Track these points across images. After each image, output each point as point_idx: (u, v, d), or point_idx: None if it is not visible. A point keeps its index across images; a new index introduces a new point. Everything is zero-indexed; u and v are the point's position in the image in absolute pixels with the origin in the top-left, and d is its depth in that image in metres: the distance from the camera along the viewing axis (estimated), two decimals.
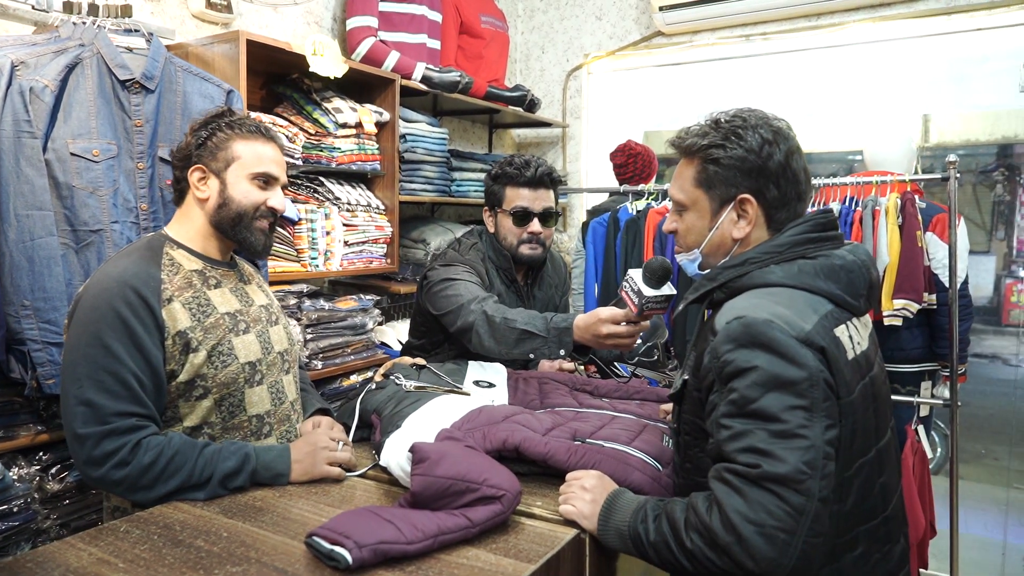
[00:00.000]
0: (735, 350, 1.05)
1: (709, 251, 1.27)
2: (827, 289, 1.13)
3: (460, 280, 1.89)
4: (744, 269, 1.17)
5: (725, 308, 1.13)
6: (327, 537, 1.04)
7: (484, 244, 2.09)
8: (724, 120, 1.21)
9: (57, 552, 1.10)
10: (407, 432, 1.41)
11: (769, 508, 0.96)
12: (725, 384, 1.06)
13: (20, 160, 1.53)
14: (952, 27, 3.04)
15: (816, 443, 0.99)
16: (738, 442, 1.01)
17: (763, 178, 1.18)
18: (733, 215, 1.22)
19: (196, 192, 1.43)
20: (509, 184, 2.02)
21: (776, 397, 1.01)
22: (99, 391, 1.26)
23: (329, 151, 2.40)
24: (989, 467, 3.75)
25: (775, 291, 1.12)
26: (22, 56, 1.57)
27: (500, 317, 1.72)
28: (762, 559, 0.96)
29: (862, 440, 1.11)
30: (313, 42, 2.23)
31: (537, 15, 3.94)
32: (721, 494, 1.00)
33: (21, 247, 1.54)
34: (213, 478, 1.31)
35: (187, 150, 1.43)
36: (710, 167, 1.21)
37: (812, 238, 1.18)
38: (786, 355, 1.02)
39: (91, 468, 1.26)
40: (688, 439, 1.22)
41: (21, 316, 1.54)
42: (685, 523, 1.05)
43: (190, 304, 1.38)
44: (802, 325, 1.05)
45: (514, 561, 1.06)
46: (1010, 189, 3.96)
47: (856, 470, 1.10)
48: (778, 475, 0.97)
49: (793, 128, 1.22)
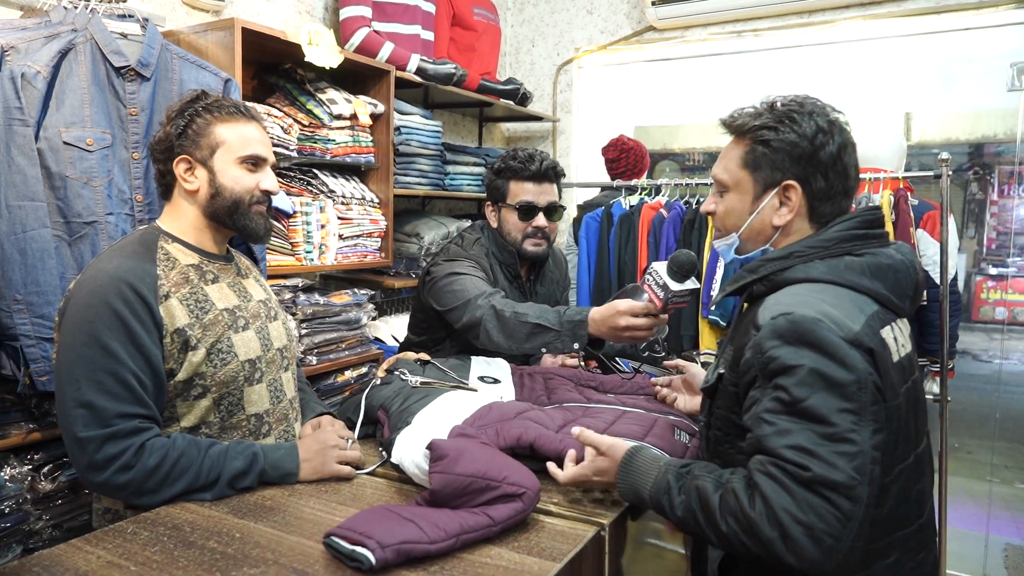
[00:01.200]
0: (781, 346, 1.03)
1: (748, 236, 1.24)
2: (874, 288, 1.11)
3: (466, 275, 1.86)
4: (788, 263, 1.15)
5: (768, 302, 1.10)
6: (347, 537, 1.02)
7: (487, 239, 2.06)
8: (780, 104, 1.19)
9: (64, 555, 1.06)
10: (418, 428, 1.38)
11: (819, 512, 0.94)
12: (769, 380, 1.04)
13: (11, 149, 1.47)
14: (941, 26, 3.08)
15: (864, 448, 0.97)
16: (784, 439, 0.99)
17: (812, 167, 1.16)
18: (776, 201, 1.19)
19: (184, 184, 1.37)
20: (513, 178, 1.99)
21: (824, 398, 0.98)
22: (99, 392, 1.21)
23: (323, 143, 2.35)
24: (963, 460, 3.82)
25: (820, 287, 1.09)
26: (12, 41, 1.51)
27: (510, 311, 1.69)
28: (806, 559, 0.94)
29: (903, 445, 1.10)
30: (308, 31, 2.18)
31: (528, 8, 3.91)
32: (768, 489, 0.98)
33: (13, 239, 1.48)
34: (221, 479, 1.27)
35: (167, 140, 1.35)
36: (759, 148, 1.18)
37: (859, 235, 1.15)
38: (835, 356, 1.00)
39: (93, 473, 1.21)
40: (719, 434, 1.20)
41: (13, 311, 1.48)
42: (721, 505, 1.03)
43: (187, 300, 1.33)
44: (851, 326, 1.03)
45: (539, 560, 1.04)
46: (982, 187, 4.04)
47: (896, 475, 1.08)
48: (832, 480, 0.95)
49: (848, 123, 1.19)
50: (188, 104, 1.38)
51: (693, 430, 1.54)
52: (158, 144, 1.37)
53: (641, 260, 2.95)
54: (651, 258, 2.93)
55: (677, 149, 4.38)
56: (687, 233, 2.85)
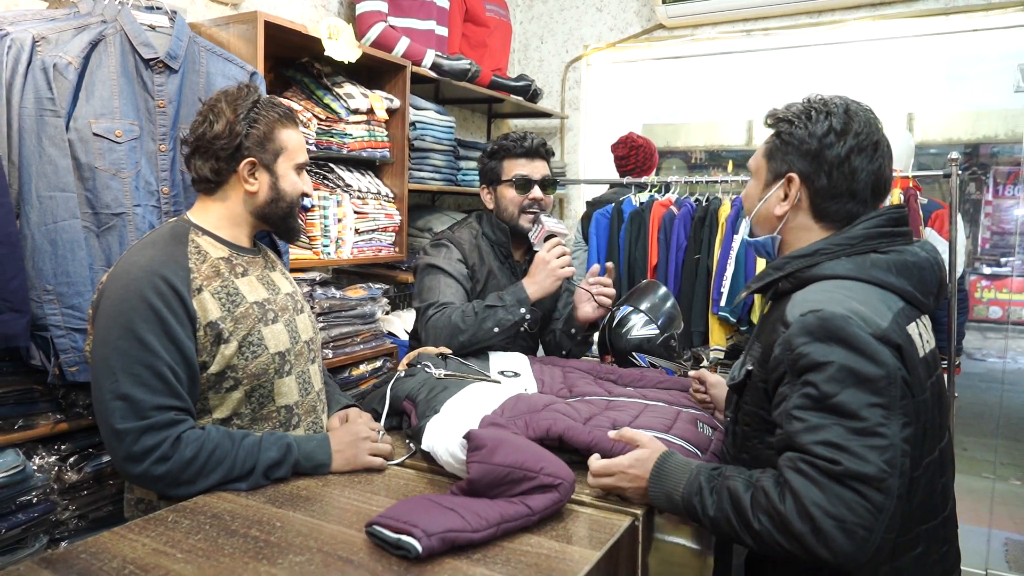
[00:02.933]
0: (811, 343, 1.05)
1: (757, 221, 1.30)
2: (899, 285, 1.13)
3: (441, 273, 1.98)
4: (814, 260, 1.17)
5: (796, 299, 1.12)
6: (390, 526, 1.03)
7: (479, 222, 2.13)
8: (813, 101, 1.22)
9: (109, 543, 1.07)
10: (447, 417, 1.40)
11: (851, 505, 0.96)
12: (798, 376, 1.06)
13: (43, 139, 1.48)
14: (949, 27, 3.10)
15: (894, 441, 0.99)
16: (814, 435, 1.01)
17: (816, 164, 1.18)
18: (780, 192, 1.23)
19: (246, 185, 1.38)
20: (507, 156, 2.08)
21: (854, 394, 1.00)
22: (136, 385, 1.22)
23: (340, 137, 2.36)
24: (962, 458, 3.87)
25: (846, 284, 1.11)
26: (43, 31, 1.51)
27: (458, 312, 1.87)
28: (840, 552, 0.96)
29: (930, 440, 1.12)
30: (328, 26, 2.19)
31: (537, 5, 3.92)
32: (798, 484, 1.00)
33: (43, 230, 1.49)
34: (256, 469, 1.28)
35: (235, 140, 1.35)
36: (776, 140, 1.23)
37: (885, 232, 1.17)
38: (865, 352, 1.02)
39: (131, 465, 1.22)
40: (747, 430, 1.22)
41: (44, 301, 1.49)
42: (753, 503, 1.05)
43: (219, 294, 1.34)
44: (879, 322, 1.05)
45: (579, 548, 1.06)
46: (978, 188, 4.07)
47: (923, 469, 1.11)
48: (862, 474, 0.97)
49: (879, 130, 1.19)
50: (251, 104, 1.38)
51: (715, 424, 1.56)
52: (218, 140, 1.35)
53: (652, 257, 2.96)
54: (661, 255, 2.95)
55: (681, 147, 4.41)
56: (697, 230, 2.87)
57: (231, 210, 1.41)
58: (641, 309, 2.12)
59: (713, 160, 4.42)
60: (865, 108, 1.21)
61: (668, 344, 2.09)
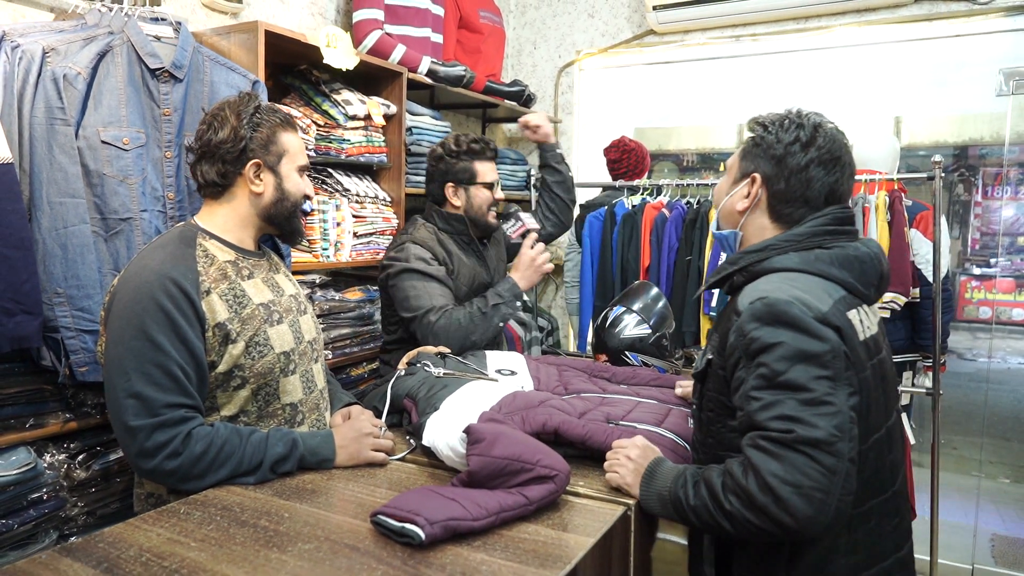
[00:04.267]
0: (760, 328, 1.14)
1: (722, 215, 1.40)
2: (841, 277, 1.23)
3: (421, 278, 2.06)
4: (764, 255, 1.27)
5: (747, 290, 1.22)
6: (394, 515, 1.08)
7: (433, 220, 2.26)
8: (789, 113, 1.33)
9: (125, 533, 1.12)
10: (447, 413, 1.45)
11: (804, 470, 1.05)
12: (752, 360, 1.15)
13: (53, 147, 1.53)
14: (933, 33, 3.17)
15: (842, 408, 1.08)
16: (770, 411, 1.10)
17: (778, 169, 1.28)
18: (745, 190, 1.33)
19: (252, 186, 1.44)
20: (477, 159, 2.24)
21: (802, 369, 1.09)
22: (147, 384, 1.27)
23: (339, 143, 2.41)
24: (950, 456, 3.93)
25: (793, 276, 1.21)
26: (52, 43, 1.56)
27: (464, 315, 2.00)
28: (801, 517, 1.04)
29: (875, 416, 1.21)
30: (327, 34, 2.24)
31: (529, 11, 3.98)
32: (757, 459, 1.08)
33: (54, 234, 1.53)
34: (263, 464, 1.33)
35: (240, 143, 1.40)
36: (750, 142, 1.34)
37: (830, 230, 1.27)
38: (808, 331, 1.11)
39: (143, 460, 1.27)
40: (711, 415, 1.30)
41: (54, 304, 1.53)
42: (723, 487, 1.13)
43: (226, 296, 1.39)
44: (820, 307, 1.14)
45: (574, 535, 1.12)
46: (967, 189, 4.15)
47: (871, 445, 1.19)
48: (813, 439, 1.05)
49: (844, 148, 1.30)
50: (255, 110, 1.44)
51: None
52: (223, 145, 1.40)
53: (644, 259, 3.03)
54: (653, 257, 3.02)
55: (672, 150, 4.47)
56: (688, 232, 2.93)
57: (237, 212, 1.46)
58: (633, 309, 2.17)
59: (704, 163, 4.49)
60: (834, 126, 1.32)
61: (660, 343, 2.15)
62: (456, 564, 1.01)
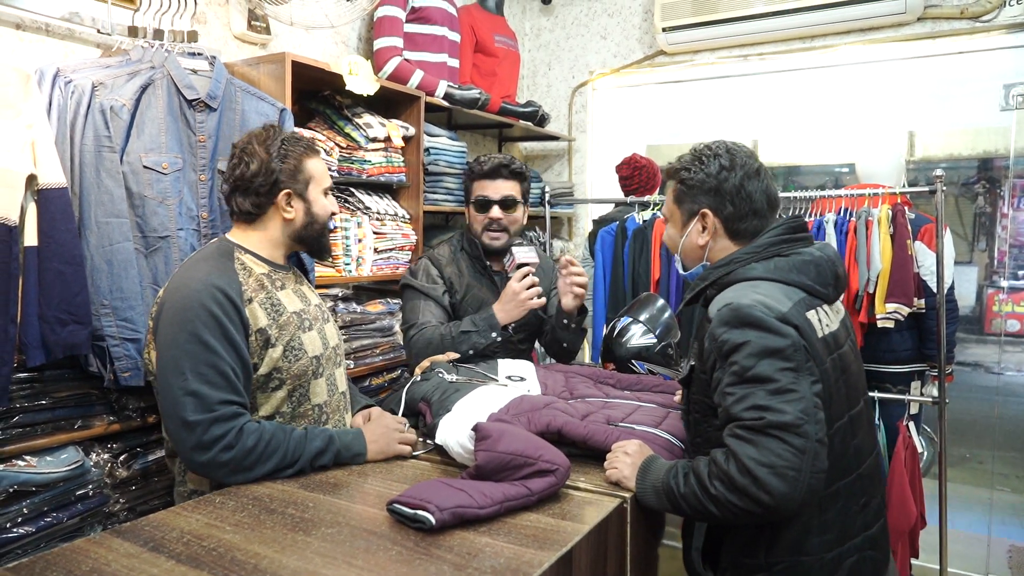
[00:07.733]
0: (729, 331, 1.27)
1: (683, 256, 1.53)
2: (799, 280, 1.36)
3: (416, 294, 2.16)
4: (730, 268, 1.40)
5: (716, 300, 1.35)
6: (408, 503, 1.19)
7: (459, 238, 2.31)
8: (699, 149, 1.47)
9: (167, 518, 1.24)
10: (458, 414, 1.57)
11: (777, 451, 1.17)
12: (725, 360, 1.27)
13: (101, 172, 1.68)
14: (936, 50, 3.25)
15: (806, 395, 1.21)
16: (743, 403, 1.22)
17: (719, 197, 1.43)
18: (698, 226, 1.47)
19: (284, 213, 1.58)
20: (472, 178, 2.24)
21: (768, 363, 1.22)
22: (203, 382, 1.39)
23: (360, 163, 2.55)
24: (974, 470, 3.92)
25: (756, 283, 1.35)
26: (100, 77, 1.72)
27: (436, 334, 2.06)
28: (778, 494, 1.16)
29: (836, 406, 1.32)
30: (349, 62, 2.39)
31: (544, 34, 4.13)
32: (735, 446, 1.21)
33: (101, 251, 1.68)
34: (303, 458, 1.46)
35: (271, 176, 1.53)
36: (680, 187, 1.48)
37: (785, 239, 1.41)
38: (771, 330, 1.24)
39: (200, 453, 1.38)
40: (697, 416, 1.43)
41: (101, 315, 1.68)
42: (708, 474, 1.25)
43: (265, 304, 1.53)
44: (779, 308, 1.27)
45: (572, 523, 1.22)
46: (991, 201, 4.16)
47: (835, 430, 1.30)
48: (782, 422, 1.18)
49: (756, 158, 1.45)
50: (282, 142, 1.57)
51: None
52: (256, 178, 1.53)
53: (654, 272, 3.12)
54: (663, 269, 3.11)
55: None
56: None
57: (271, 236, 1.60)
58: (640, 320, 2.27)
59: None
60: (741, 144, 1.46)
61: (665, 352, 2.24)
62: (463, 546, 1.12)
